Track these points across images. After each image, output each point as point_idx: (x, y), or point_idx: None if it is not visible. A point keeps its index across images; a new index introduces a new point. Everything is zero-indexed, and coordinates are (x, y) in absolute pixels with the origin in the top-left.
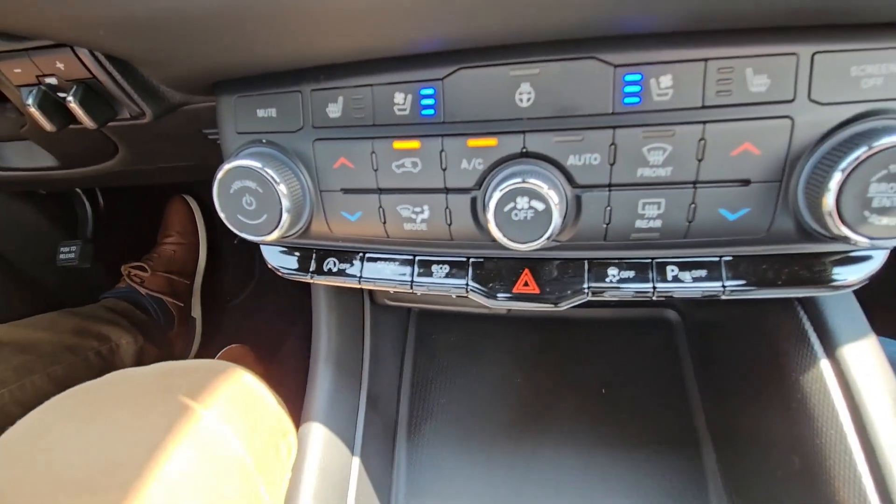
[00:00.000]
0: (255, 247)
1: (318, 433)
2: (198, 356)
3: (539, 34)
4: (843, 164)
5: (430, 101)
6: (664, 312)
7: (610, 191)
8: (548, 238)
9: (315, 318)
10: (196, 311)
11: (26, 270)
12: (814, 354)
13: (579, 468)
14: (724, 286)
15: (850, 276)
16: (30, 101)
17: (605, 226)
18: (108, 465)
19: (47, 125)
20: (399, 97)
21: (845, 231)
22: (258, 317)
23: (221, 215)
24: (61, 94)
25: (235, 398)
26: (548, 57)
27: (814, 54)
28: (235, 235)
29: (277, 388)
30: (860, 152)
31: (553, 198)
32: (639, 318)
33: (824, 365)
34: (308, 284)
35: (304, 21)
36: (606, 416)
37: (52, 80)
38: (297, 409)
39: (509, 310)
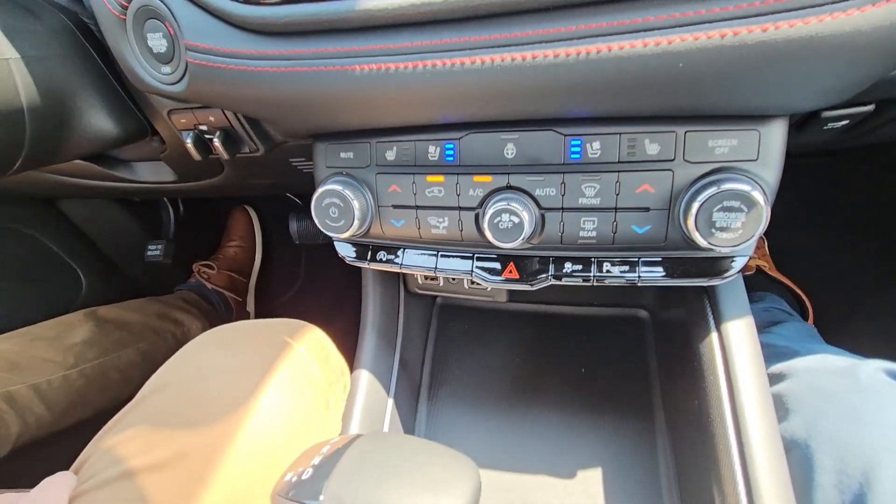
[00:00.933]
0: (301, 253)
1: (365, 378)
2: None
3: (519, 116)
4: (700, 198)
5: (451, 152)
6: (637, 312)
7: (562, 212)
8: (521, 241)
9: (364, 298)
10: (250, 306)
11: (120, 263)
12: (709, 327)
13: (561, 426)
14: (639, 276)
15: (726, 271)
16: (189, 140)
17: (560, 234)
18: (237, 370)
19: (196, 156)
20: (432, 149)
21: (702, 241)
22: (303, 314)
23: (315, 220)
24: (208, 136)
25: (314, 341)
26: (524, 128)
27: (686, 132)
28: (285, 244)
29: None
30: (710, 192)
31: (525, 216)
32: (616, 316)
33: (714, 335)
34: (343, 287)
35: (375, 107)
36: (584, 389)
37: (203, 127)
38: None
39: (509, 298)
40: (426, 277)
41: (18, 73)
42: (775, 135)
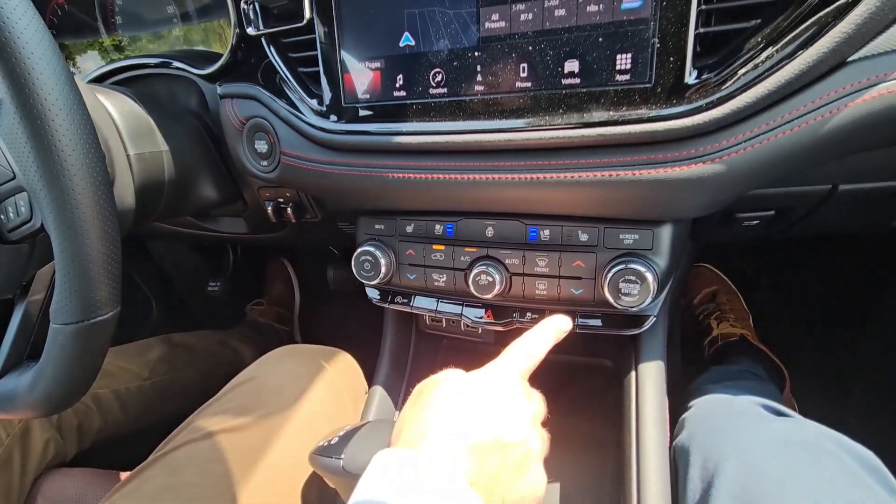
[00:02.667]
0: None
1: (379, 394)
2: None
3: (495, 210)
4: (611, 272)
5: (450, 230)
6: (604, 362)
7: (523, 276)
8: (494, 294)
9: (384, 334)
10: (297, 336)
11: (184, 295)
12: (631, 367)
13: None
14: (577, 324)
15: (643, 322)
16: (269, 207)
17: (522, 291)
18: (295, 376)
19: (273, 219)
20: (437, 227)
21: (613, 302)
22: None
23: (353, 271)
24: (283, 205)
25: (344, 363)
26: (499, 218)
27: (605, 228)
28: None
29: None
30: (618, 268)
31: (497, 277)
32: (586, 364)
33: (633, 373)
34: (372, 324)
35: (401, 199)
36: (555, 423)
37: (281, 199)
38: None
39: (495, 341)
40: (432, 320)
41: (166, 160)
42: (664, 234)
